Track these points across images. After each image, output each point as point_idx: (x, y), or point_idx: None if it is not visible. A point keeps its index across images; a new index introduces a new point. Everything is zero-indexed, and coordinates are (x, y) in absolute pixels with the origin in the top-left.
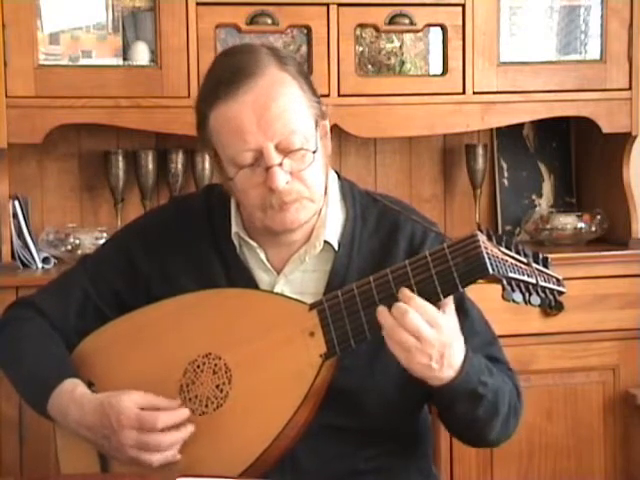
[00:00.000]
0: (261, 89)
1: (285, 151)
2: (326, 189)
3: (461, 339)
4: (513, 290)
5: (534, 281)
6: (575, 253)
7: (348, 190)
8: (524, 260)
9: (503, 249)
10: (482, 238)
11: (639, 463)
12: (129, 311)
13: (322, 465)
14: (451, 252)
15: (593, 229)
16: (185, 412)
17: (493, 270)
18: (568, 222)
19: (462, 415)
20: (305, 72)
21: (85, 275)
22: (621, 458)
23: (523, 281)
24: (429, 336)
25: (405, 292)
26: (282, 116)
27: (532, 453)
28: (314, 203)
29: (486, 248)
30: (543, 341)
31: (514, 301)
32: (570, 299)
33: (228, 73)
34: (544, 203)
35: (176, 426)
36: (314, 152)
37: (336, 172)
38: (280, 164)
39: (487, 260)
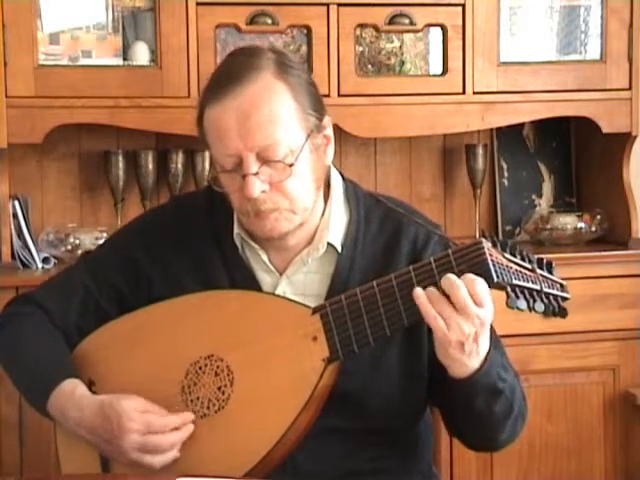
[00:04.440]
0: (248, 96)
1: (265, 160)
2: (329, 193)
3: (489, 330)
4: (517, 297)
5: (538, 287)
6: (575, 253)
7: (352, 192)
8: (528, 266)
9: (508, 255)
10: (487, 245)
11: (639, 463)
12: (130, 310)
13: (323, 466)
14: (456, 259)
15: (593, 229)
16: (189, 416)
17: (498, 278)
18: (568, 222)
19: (480, 410)
20: (309, 83)
21: (87, 272)
22: (621, 458)
23: (527, 288)
24: (473, 312)
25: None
26: (264, 126)
27: (532, 453)
28: (296, 215)
29: (491, 255)
30: (543, 341)
31: (518, 308)
32: (570, 299)
33: (223, 75)
34: (544, 203)
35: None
36: (291, 166)
37: (340, 173)
38: (256, 173)
39: (492, 267)
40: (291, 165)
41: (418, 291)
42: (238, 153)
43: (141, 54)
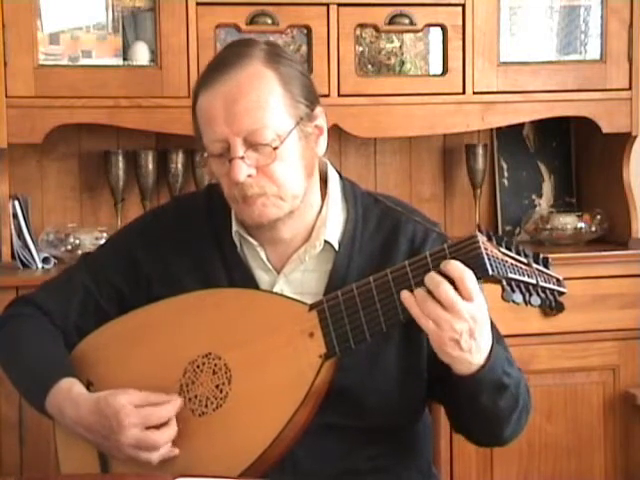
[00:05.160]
0: (235, 82)
1: (251, 144)
2: (326, 191)
3: (489, 324)
4: (513, 291)
5: (534, 281)
6: (575, 253)
7: (350, 190)
8: (524, 260)
9: (503, 250)
10: (482, 239)
11: (639, 463)
12: (130, 310)
13: (322, 465)
14: (451, 253)
15: (593, 229)
16: (178, 400)
17: (493, 271)
18: (568, 222)
19: (485, 406)
20: (301, 73)
21: (87, 273)
22: (621, 458)
23: (523, 282)
24: (461, 308)
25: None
26: (252, 112)
27: (532, 453)
28: (285, 202)
29: (486, 249)
30: (543, 341)
31: (514, 302)
32: (570, 299)
33: (216, 63)
34: (544, 203)
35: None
36: (275, 149)
37: (338, 172)
38: (242, 157)
39: (487, 261)
40: (276, 148)
41: (405, 294)
42: (225, 138)
43: (141, 54)
